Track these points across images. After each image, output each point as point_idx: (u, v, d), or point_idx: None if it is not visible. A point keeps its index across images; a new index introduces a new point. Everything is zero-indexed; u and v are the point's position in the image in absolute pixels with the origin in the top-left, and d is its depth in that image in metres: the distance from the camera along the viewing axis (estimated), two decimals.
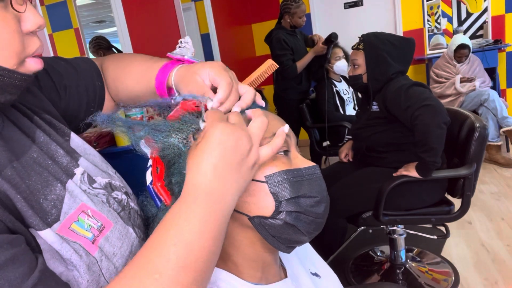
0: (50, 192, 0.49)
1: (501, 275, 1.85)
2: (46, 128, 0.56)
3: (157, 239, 0.42)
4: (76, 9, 2.09)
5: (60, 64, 0.68)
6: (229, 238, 0.56)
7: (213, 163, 0.44)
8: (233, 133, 0.45)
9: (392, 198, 1.61)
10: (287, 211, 0.51)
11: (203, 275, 0.42)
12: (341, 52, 2.93)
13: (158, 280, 0.39)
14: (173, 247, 0.41)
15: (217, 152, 0.44)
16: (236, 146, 0.45)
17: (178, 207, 0.44)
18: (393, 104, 1.63)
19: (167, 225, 0.42)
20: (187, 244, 0.41)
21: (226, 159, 0.44)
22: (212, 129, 0.45)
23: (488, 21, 3.97)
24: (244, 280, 0.55)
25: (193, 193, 0.44)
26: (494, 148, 3.20)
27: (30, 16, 0.45)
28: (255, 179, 0.52)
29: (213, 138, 0.45)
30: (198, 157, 0.45)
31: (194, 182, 0.44)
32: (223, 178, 0.44)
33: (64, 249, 0.46)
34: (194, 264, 0.41)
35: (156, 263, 0.40)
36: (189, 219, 0.42)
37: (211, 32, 3.54)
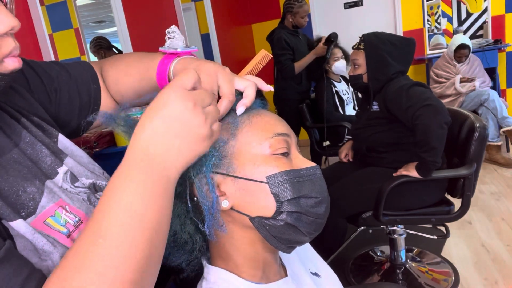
0: (30, 185, 0.49)
1: (501, 275, 1.85)
2: (33, 129, 0.56)
3: (100, 204, 0.41)
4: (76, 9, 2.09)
5: (53, 68, 0.68)
6: (230, 238, 0.56)
7: (153, 126, 0.42)
8: (184, 100, 0.43)
9: (392, 198, 1.61)
10: (288, 212, 0.51)
11: (152, 234, 0.40)
12: (340, 53, 2.93)
13: (102, 244, 0.38)
14: (113, 208, 0.39)
15: (160, 115, 0.42)
16: (183, 114, 0.43)
17: (118, 171, 0.42)
18: (393, 104, 1.63)
19: (108, 190, 0.41)
20: (127, 205, 0.40)
21: (169, 125, 0.42)
22: (164, 90, 0.44)
23: (488, 21, 3.97)
24: (245, 280, 0.55)
25: (132, 155, 0.42)
26: (494, 148, 3.20)
27: (3, 18, 0.44)
28: (256, 180, 0.52)
29: (160, 99, 0.43)
30: (142, 118, 0.43)
31: (134, 144, 0.43)
32: (162, 143, 0.42)
33: (37, 239, 0.46)
34: (138, 223, 0.39)
35: (99, 227, 0.39)
36: (127, 181, 0.41)
37: (211, 32, 3.54)
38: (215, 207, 0.53)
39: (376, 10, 4.31)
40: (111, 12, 2.24)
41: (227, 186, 0.53)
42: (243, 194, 0.52)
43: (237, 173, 0.53)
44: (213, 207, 0.53)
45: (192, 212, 0.55)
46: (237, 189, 0.53)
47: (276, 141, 0.54)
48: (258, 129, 0.54)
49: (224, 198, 0.53)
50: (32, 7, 1.62)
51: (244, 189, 0.52)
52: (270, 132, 0.54)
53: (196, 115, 0.44)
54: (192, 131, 0.44)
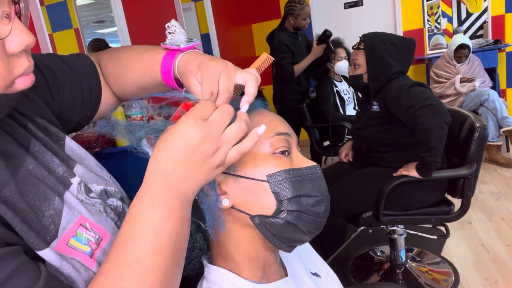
0: (48, 208, 0.48)
1: (501, 275, 1.85)
2: (41, 136, 0.55)
3: (127, 231, 0.44)
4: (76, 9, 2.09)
5: (55, 62, 0.66)
6: (230, 236, 0.56)
7: (171, 157, 0.45)
8: (199, 131, 0.45)
9: (392, 198, 1.61)
10: (288, 210, 0.52)
11: (176, 256, 0.45)
12: (344, 53, 2.92)
13: (139, 269, 0.41)
14: (143, 236, 0.43)
15: (176, 147, 0.45)
16: (198, 146, 0.45)
17: (140, 200, 0.45)
18: (394, 104, 1.63)
19: (133, 217, 0.44)
20: (155, 231, 0.43)
21: (185, 156, 0.45)
22: (180, 122, 0.46)
23: (488, 21, 3.97)
24: (245, 279, 0.55)
25: (152, 184, 0.45)
26: (494, 148, 3.20)
27: (17, 35, 0.40)
28: (256, 178, 0.52)
29: (176, 131, 0.45)
30: (160, 147, 0.46)
31: (153, 172, 0.45)
32: (181, 172, 0.45)
33: (64, 267, 0.46)
34: (166, 247, 0.43)
35: (132, 254, 0.42)
36: (152, 209, 0.44)
37: (211, 32, 3.54)
38: (216, 205, 0.53)
39: (376, 10, 4.31)
40: (111, 12, 2.24)
41: (228, 185, 0.53)
42: (243, 193, 0.53)
43: (238, 172, 0.53)
44: (214, 206, 0.53)
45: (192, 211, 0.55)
46: (238, 188, 0.53)
47: (276, 140, 0.54)
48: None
49: (225, 197, 0.53)
50: (32, 7, 1.62)
51: (244, 188, 0.53)
52: (271, 131, 0.54)
53: (212, 146, 0.46)
54: (207, 161, 0.46)
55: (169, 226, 0.44)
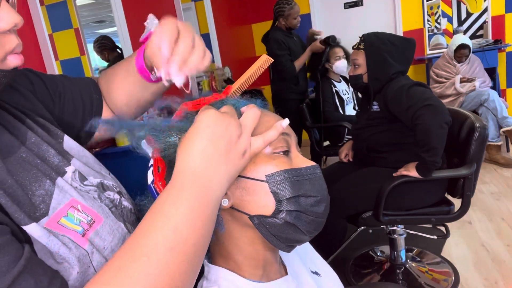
0: (38, 187, 0.49)
1: (501, 275, 1.85)
2: (38, 130, 0.56)
3: (145, 224, 0.42)
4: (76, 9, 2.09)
5: (56, 76, 0.69)
6: (230, 236, 0.56)
7: (200, 147, 0.44)
8: (222, 119, 0.46)
9: (392, 198, 1.61)
10: (287, 210, 0.52)
11: (192, 258, 0.41)
12: (341, 52, 2.92)
13: (146, 263, 0.38)
14: (160, 230, 0.40)
15: (205, 136, 0.45)
16: (225, 131, 0.45)
17: (166, 193, 0.44)
18: (394, 104, 1.63)
19: (155, 211, 0.42)
20: (174, 227, 0.41)
21: (214, 144, 0.45)
22: (202, 115, 0.46)
23: (488, 21, 3.97)
24: (245, 278, 0.55)
25: (180, 178, 0.44)
26: (494, 148, 3.20)
27: (5, 15, 0.44)
28: (255, 178, 0.52)
29: (201, 122, 0.46)
30: (187, 141, 0.45)
31: (182, 167, 0.45)
32: (210, 162, 0.44)
33: (52, 243, 0.46)
34: (183, 246, 0.40)
35: (144, 246, 0.39)
36: (176, 204, 0.42)
37: (211, 32, 3.54)
38: None
39: (376, 10, 4.31)
40: (111, 12, 2.24)
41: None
42: (243, 193, 0.53)
43: None
44: None
45: None
46: (237, 187, 0.53)
47: (276, 140, 0.54)
48: (258, 128, 0.54)
49: (224, 197, 0.53)
50: (32, 7, 1.62)
51: (244, 187, 0.52)
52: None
53: (235, 131, 0.47)
54: (235, 147, 0.46)
55: (191, 225, 0.41)
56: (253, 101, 0.59)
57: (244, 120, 0.49)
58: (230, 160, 0.46)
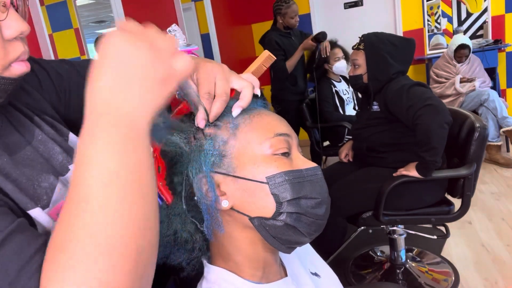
0: (44, 180, 0.51)
1: (501, 275, 1.85)
2: (45, 128, 0.58)
3: (75, 171, 0.38)
4: (76, 9, 2.09)
5: (63, 67, 0.68)
6: (230, 237, 0.56)
7: (110, 76, 0.38)
8: (134, 41, 0.39)
9: (392, 198, 1.61)
10: (287, 213, 0.51)
11: (134, 187, 0.37)
12: (341, 53, 2.92)
13: (86, 207, 0.35)
14: (88, 171, 0.36)
15: (114, 62, 0.39)
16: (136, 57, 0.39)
17: (83, 132, 0.38)
18: (394, 104, 1.63)
19: (78, 156, 0.38)
20: (101, 164, 0.36)
21: (125, 71, 0.39)
22: (111, 36, 0.40)
23: (488, 21, 3.97)
24: (245, 279, 0.55)
25: (94, 112, 0.38)
26: (494, 148, 3.20)
27: (12, 23, 0.44)
28: (256, 180, 0.52)
29: (109, 46, 0.39)
30: (95, 68, 0.39)
31: (90, 103, 0.39)
32: (124, 92, 0.38)
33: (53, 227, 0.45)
34: (117, 179, 0.36)
35: (79, 193, 0.36)
36: (94, 140, 0.37)
37: (211, 32, 3.54)
38: (214, 206, 0.53)
39: (376, 10, 4.31)
40: (111, 12, 2.24)
41: (227, 186, 0.53)
42: (243, 194, 0.52)
43: (237, 173, 0.52)
44: (212, 206, 0.53)
45: (191, 212, 0.55)
46: (237, 189, 0.52)
47: (276, 141, 0.53)
48: (258, 129, 0.54)
49: (224, 198, 0.53)
50: (32, 7, 1.62)
51: (244, 189, 0.52)
52: (271, 132, 0.54)
53: (150, 56, 0.40)
54: (150, 75, 0.39)
55: (117, 157, 0.37)
56: (254, 102, 0.59)
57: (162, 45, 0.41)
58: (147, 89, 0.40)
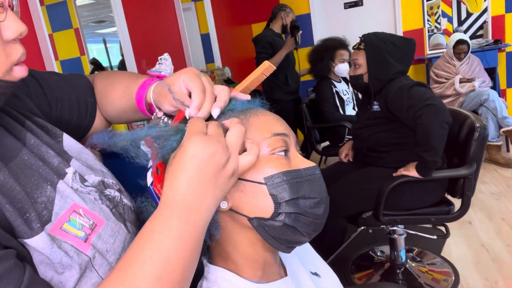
0: (40, 194, 0.49)
1: (501, 275, 1.85)
2: (37, 131, 0.57)
3: (134, 253, 0.43)
4: (76, 9, 2.09)
5: (52, 77, 0.69)
6: (230, 238, 0.56)
7: (187, 177, 0.44)
8: (208, 146, 0.45)
9: (392, 198, 1.61)
10: (286, 213, 0.51)
11: (180, 284, 0.43)
12: (347, 55, 2.89)
13: None
14: (149, 259, 0.41)
15: (192, 166, 0.44)
16: (211, 159, 0.45)
17: (154, 221, 0.44)
18: (394, 103, 1.64)
19: (144, 238, 0.43)
20: (163, 257, 0.42)
21: (201, 173, 0.44)
22: (187, 142, 0.45)
23: (488, 21, 3.97)
24: (245, 279, 0.55)
25: (169, 208, 0.44)
26: (494, 148, 3.20)
27: (11, 24, 0.44)
28: (254, 181, 0.52)
29: (187, 151, 0.45)
30: (174, 170, 0.45)
31: (169, 196, 0.44)
32: (198, 191, 0.44)
33: (54, 253, 0.46)
34: (171, 275, 0.42)
35: (133, 276, 0.40)
36: (165, 233, 0.43)
37: (211, 32, 3.54)
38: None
39: (376, 10, 4.31)
40: (111, 12, 2.24)
41: None
42: (241, 195, 0.52)
43: None
44: None
45: None
46: (235, 190, 0.52)
47: (274, 141, 0.53)
48: (256, 129, 0.54)
49: (223, 199, 0.53)
50: (32, 7, 1.62)
51: (242, 190, 0.52)
52: (268, 132, 0.54)
53: (223, 155, 0.46)
54: (222, 172, 0.46)
55: (179, 253, 0.43)
56: (252, 101, 0.59)
57: (229, 140, 0.48)
58: (218, 185, 0.46)
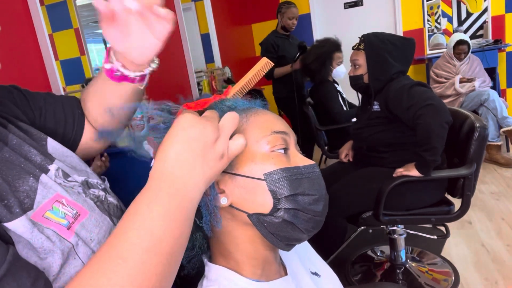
0: (22, 184, 0.50)
1: (501, 275, 1.85)
2: (20, 134, 0.57)
3: (121, 226, 0.42)
4: (76, 9, 2.09)
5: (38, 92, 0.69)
6: (230, 235, 0.56)
7: (176, 150, 0.45)
8: (198, 122, 0.46)
9: (392, 198, 1.61)
10: (285, 209, 0.52)
11: (168, 259, 0.42)
12: (342, 57, 2.88)
13: (122, 265, 0.39)
14: (136, 231, 0.41)
15: (180, 139, 0.45)
16: (200, 134, 0.46)
17: (142, 195, 0.44)
18: (395, 103, 1.64)
19: (131, 212, 0.43)
20: (150, 229, 0.41)
21: (189, 147, 0.45)
22: (179, 118, 0.47)
23: (488, 21, 3.97)
24: (245, 277, 0.56)
25: (156, 181, 0.44)
26: (494, 148, 3.20)
27: None
28: (253, 177, 0.52)
29: (178, 125, 0.46)
30: (163, 144, 0.46)
31: (158, 169, 0.45)
32: (185, 165, 0.45)
33: (35, 238, 0.46)
34: (159, 248, 0.41)
35: (119, 248, 0.40)
36: (151, 205, 0.42)
37: (211, 32, 3.54)
38: (213, 203, 0.53)
39: (376, 10, 4.32)
40: None
41: (226, 183, 0.54)
42: (241, 191, 0.53)
43: (235, 171, 0.53)
44: (211, 204, 0.53)
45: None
46: (235, 186, 0.53)
47: (273, 138, 0.54)
48: (256, 127, 0.55)
49: (223, 195, 0.53)
50: (32, 7, 1.62)
51: (242, 186, 0.53)
52: (268, 130, 0.55)
53: (213, 133, 0.47)
54: (212, 149, 0.46)
55: (166, 225, 0.42)
56: (252, 101, 0.60)
57: (222, 122, 0.49)
58: (206, 162, 0.46)
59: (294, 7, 3.12)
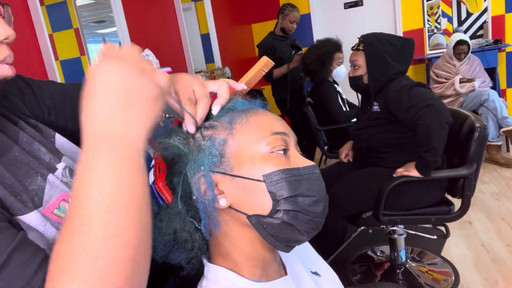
0: (31, 183, 0.52)
1: (501, 275, 1.85)
2: (30, 130, 0.59)
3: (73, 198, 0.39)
4: (76, 9, 2.09)
5: (48, 85, 0.71)
6: (229, 236, 0.56)
7: (102, 103, 0.40)
8: (120, 66, 0.41)
9: (392, 198, 1.61)
10: (284, 210, 0.51)
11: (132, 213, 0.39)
12: (343, 57, 2.88)
13: (89, 231, 0.37)
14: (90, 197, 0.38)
15: (104, 88, 0.40)
16: (124, 78, 0.41)
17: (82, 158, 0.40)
18: (395, 104, 1.64)
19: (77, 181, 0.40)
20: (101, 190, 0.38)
21: (117, 95, 0.40)
22: (96, 66, 0.42)
23: (488, 21, 3.97)
24: (245, 278, 0.56)
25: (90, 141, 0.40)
26: (494, 148, 3.20)
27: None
28: (253, 178, 0.52)
29: (98, 75, 0.41)
30: (87, 98, 0.41)
31: (88, 128, 0.41)
32: (118, 117, 0.40)
33: (48, 230, 0.49)
34: (117, 204, 0.38)
35: (81, 218, 0.37)
36: (94, 166, 0.39)
37: (211, 32, 3.55)
38: (212, 205, 0.53)
39: (376, 10, 4.32)
40: (111, 12, 2.25)
41: (225, 184, 0.53)
42: (240, 193, 0.53)
43: (235, 172, 0.53)
44: (210, 205, 0.53)
45: (190, 211, 0.55)
46: (235, 187, 0.53)
47: (273, 139, 0.54)
48: (255, 128, 0.54)
49: (222, 196, 0.53)
50: (32, 7, 1.62)
51: (241, 187, 0.52)
52: (268, 131, 0.54)
53: (139, 77, 0.42)
54: (142, 95, 0.42)
55: (116, 181, 0.39)
56: (252, 102, 0.60)
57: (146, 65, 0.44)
58: (141, 110, 0.42)
59: (297, 11, 3.11)
